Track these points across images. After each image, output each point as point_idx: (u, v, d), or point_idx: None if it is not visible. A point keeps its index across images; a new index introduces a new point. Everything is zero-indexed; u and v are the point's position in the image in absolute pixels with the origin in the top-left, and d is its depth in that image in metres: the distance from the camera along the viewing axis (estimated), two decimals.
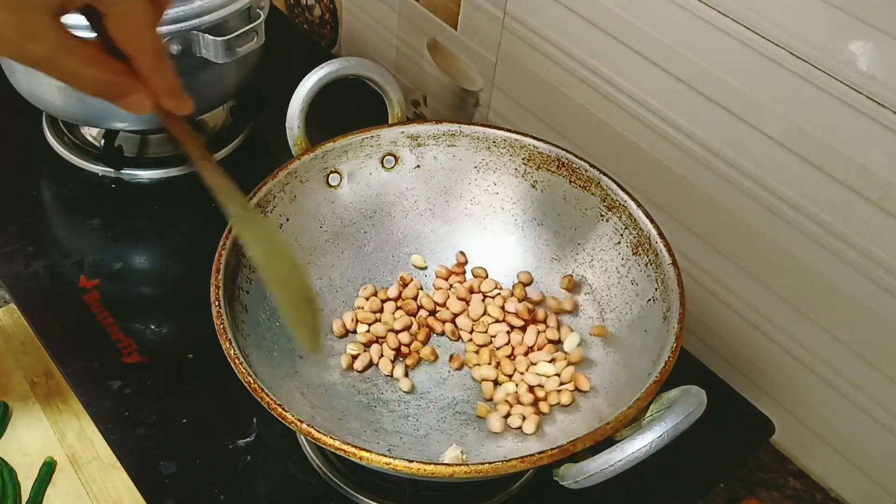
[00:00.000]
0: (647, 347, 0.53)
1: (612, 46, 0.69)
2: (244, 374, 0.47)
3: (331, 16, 1.03)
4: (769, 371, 0.71)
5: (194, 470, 0.58)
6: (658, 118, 0.69)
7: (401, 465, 0.44)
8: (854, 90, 0.55)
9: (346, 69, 0.63)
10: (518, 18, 0.77)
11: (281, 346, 0.57)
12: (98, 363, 0.64)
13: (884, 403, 0.63)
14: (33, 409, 0.68)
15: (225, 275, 0.53)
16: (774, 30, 0.58)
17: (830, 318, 0.64)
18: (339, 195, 0.64)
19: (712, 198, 0.68)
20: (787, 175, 0.62)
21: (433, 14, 0.87)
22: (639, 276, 0.57)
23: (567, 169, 0.62)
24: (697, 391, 0.46)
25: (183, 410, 0.61)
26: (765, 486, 0.70)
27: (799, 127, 0.59)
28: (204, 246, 0.57)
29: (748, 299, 0.69)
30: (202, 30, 0.67)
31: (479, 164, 0.65)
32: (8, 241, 0.72)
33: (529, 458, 0.45)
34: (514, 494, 0.58)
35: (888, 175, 0.56)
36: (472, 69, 0.86)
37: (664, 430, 0.44)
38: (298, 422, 0.45)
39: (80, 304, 0.67)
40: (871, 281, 0.60)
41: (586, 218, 0.62)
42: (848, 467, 0.68)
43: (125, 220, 0.75)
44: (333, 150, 0.62)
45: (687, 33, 0.63)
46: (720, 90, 0.63)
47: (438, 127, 0.64)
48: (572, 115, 0.76)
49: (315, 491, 0.58)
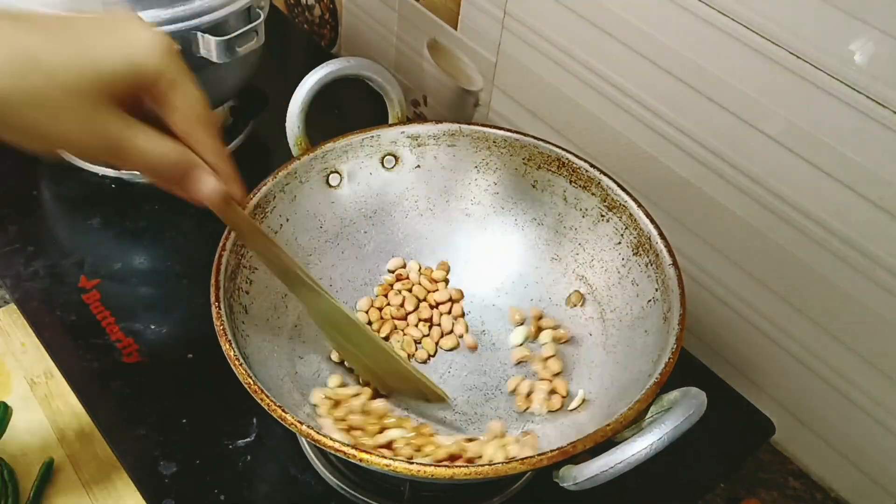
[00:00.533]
0: (647, 348, 0.53)
1: (613, 46, 0.69)
2: (244, 374, 0.47)
3: (331, 16, 1.03)
4: (769, 371, 0.71)
5: (194, 470, 0.58)
6: (658, 118, 0.69)
7: (400, 467, 0.44)
8: (854, 90, 0.55)
9: (347, 69, 0.63)
10: (518, 18, 0.77)
11: (281, 347, 0.57)
12: (98, 363, 0.64)
13: (884, 403, 0.63)
14: (33, 409, 0.68)
15: (225, 275, 0.53)
16: (774, 29, 0.58)
17: (830, 318, 0.64)
18: (340, 195, 0.64)
19: (712, 198, 0.68)
20: (787, 175, 0.62)
21: (433, 14, 0.86)
22: (639, 277, 0.57)
23: (567, 169, 0.62)
24: (697, 393, 0.46)
25: (183, 410, 0.61)
26: (765, 486, 0.70)
27: (799, 127, 0.59)
28: (204, 246, 0.57)
29: (748, 299, 0.69)
30: (202, 30, 0.67)
31: (480, 164, 0.65)
32: (8, 241, 0.72)
33: (529, 459, 0.45)
34: (514, 495, 0.58)
35: (888, 175, 0.56)
36: (472, 69, 0.86)
37: (664, 433, 0.44)
38: (298, 423, 0.45)
39: (80, 304, 0.67)
40: (871, 281, 0.60)
41: (587, 218, 0.62)
42: (848, 467, 0.68)
43: (125, 220, 0.75)
44: (334, 150, 0.62)
45: (687, 33, 0.63)
46: (720, 90, 0.63)
47: (439, 127, 0.64)
48: (572, 115, 0.76)
49: (315, 491, 0.58)
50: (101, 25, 0.40)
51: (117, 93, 0.39)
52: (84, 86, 0.38)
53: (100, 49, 0.39)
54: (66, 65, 0.37)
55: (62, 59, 0.37)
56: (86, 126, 0.39)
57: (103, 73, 0.38)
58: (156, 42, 0.40)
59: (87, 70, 0.38)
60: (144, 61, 0.39)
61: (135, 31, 0.40)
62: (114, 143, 0.40)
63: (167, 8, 0.66)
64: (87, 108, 0.38)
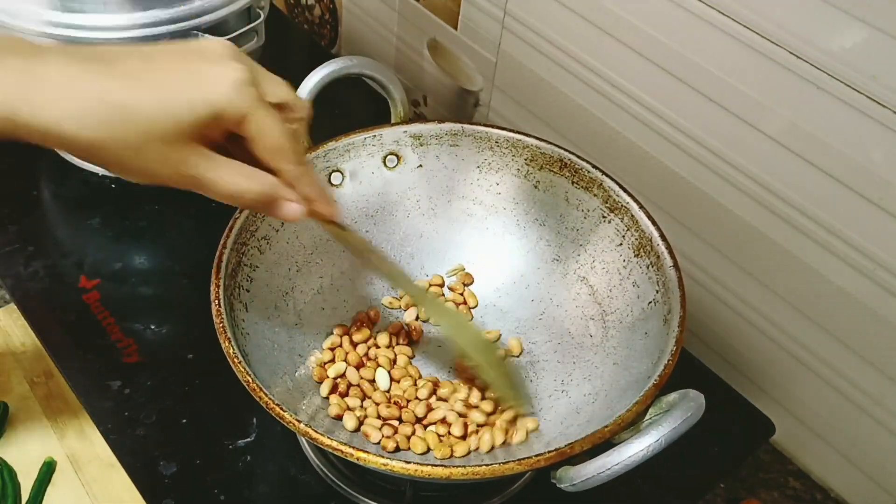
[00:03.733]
0: (647, 350, 0.53)
1: (613, 46, 0.69)
2: (243, 373, 0.47)
3: (331, 16, 1.03)
4: (769, 371, 0.71)
5: (194, 470, 0.58)
6: (658, 118, 0.69)
7: (398, 466, 0.44)
8: (854, 90, 0.55)
9: (350, 68, 0.63)
10: (518, 18, 0.77)
11: (281, 346, 0.57)
12: (98, 363, 0.64)
13: (884, 403, 0.63)
14: (33, 409, 0.68)
15: (225, 274, 0.53)
16: (774, 29, 0.58)
17: (830, 317, 0.64)
18: (342, 194, 0.64)
19: (712, 198, 0.68)
20: (787, 175, 0.62)
21: (433, 14, 0.86)
22: (640, 278, 0.57)
23: (570, 170, 0.62)
24: (696, 395, 0.46)
25: (183, 410, 0.61)
26: (765, 486, 0.70)
27: (799, 127, 0.59)
28: (204, 246, 0.57)
29: (748, 299, 0.69)
30: (202, 30, 0.67)
31: (482, 164, 0.65)
32: (8, 241, 0.72)
33: (527, 460, 0.45)
34: (514, 495, 0.58)
35: (888, 175, 0.56)
36: (472, 69, 0.86)
37: (662, 435, 0.44)
38: (297, 422, 0.45)
39: (80, 304, 0.67)
40: (871, 281, 0.60)
41: (588, 219, 0.62)
42: (848, 467, 0.68)
43: (125, 220, 0.75)
44: (336, 148, 0.62)
45: (687, 33, 0.63)
46: (720, 90, 0.63)
47: (441, 126, 0.64)
48: (572, 115, 0.76)
49: (315, 491, 0.58)
50: (180, 66, 0.41)
51: (197, 133, 0.41)
52: (165, 131, 0.40)
53: (179, 95, 0.40)
54: (148, 116, 0.39)
55: (146, 109, 0.39)
56: (167, 164, 0.41)
57: (182, 119, 0.40)
58: (235, 81, 0.41)
59: (169, 118, 0.40)
60: (222, 102, 0.40)
61: (214, 70, 0.41)
62: (194, 179, 0.42)
63: (167, 8, 0.66)
64: (166, 149, 0.40)
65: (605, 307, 0.60)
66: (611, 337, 0.58)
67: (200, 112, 0.40)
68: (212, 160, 0.42)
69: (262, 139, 0.43)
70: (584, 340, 0.60)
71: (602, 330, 0.59)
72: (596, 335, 0.60)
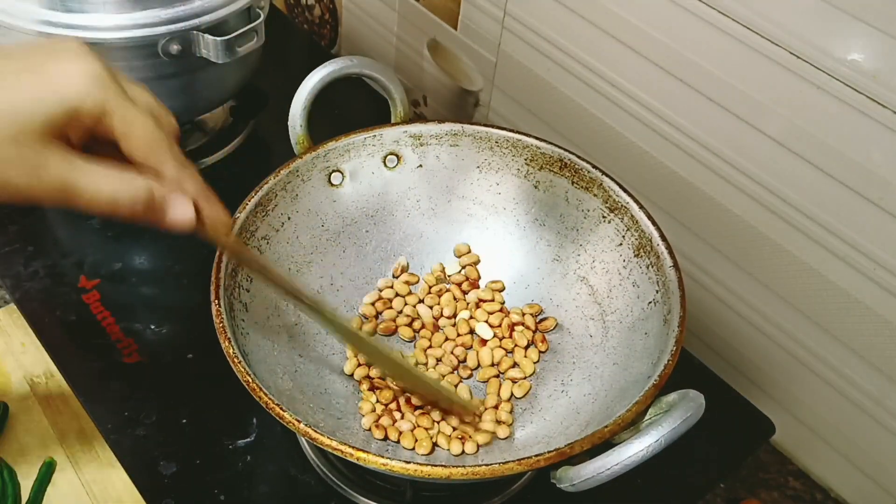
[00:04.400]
0: (647, 350, 0.53)
1: (613, 46, 0.69)
2: (243, 372, 0.47)
3: (331, 16, 1.03)
4: (769, 371, 0.71)
5: (194, 470, 0.58)
6: (658, 118, 0.69)
7: (397, 466, 0.44)
8: (854, 90, 0.55)
9: (350, 68, 0.63)
10: (518, 18, 0.77)
11: (281, 345, 0.57)
12: (98, 363, 0.64)
13: (884, 403, 0.63)
14: (33, 409, 0.68)
15: (225, 272, 0.53)
16: (774, 30, 0.58)
17: (830, 317, 0.64)
18: (341, 194, 0.64)
19: (712, 198, 0.68)
20: (787, 175, 0.62)
21: (433, 14, 0.87)
22: (640, 279, 0.57)
23: (570, 170, 0.62)
24: (696, 395, 0.46)
25: (183, 410, 0.61)
26: (765, 486, 0.70)
27: (799, 127, 0.59)
28: (204, 246, 0.56)
29: (748, 299, 0.69)
30: (202, 30, 0.67)
31: (482, 164, 0.65)
32: (8, 241, 0.72)
33: (526, 460, 0.45)
34: (514, 495, 0.58)
35: (888, 175, 0.56)
36: (472, 69, 0.86)
37: (661, 435, 0.44)
38: (296, 421, 0.45)
39: (80, 304, 0.67)
40: (871, 281, 0.60)
41: (588, 219, 0.62)
42: (848, 467, 0.68)
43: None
44: (336, 148, 0.62)
45: (687, 33, 0.63)
46: (720, 90, 0.63)
47: (441, 126, 0.64)
48: (572, 115, 0.76)
49: (315, 491, 0.58)
50: (26, 65, 0.37)
51: (57, 134, 0.37)
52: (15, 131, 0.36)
53: (27, 92, 0.36)
54: None
55: None
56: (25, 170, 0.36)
57: (34, 115, 0.36)
58: (88, 75, 0.37)
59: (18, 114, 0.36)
60: (79, 95, 0.37)
61: (65, 66, 0.37)
62: (62, 187, 0.37)
63: (167, 8, 0.66)
64: (21, 151, 0.36)
65: (604, 307, 0.60)
66: (611, 337, 0.58)
67: (52, 107, 0.36)
68: (79, 164, 0.38)
69: (132, 133, 0.39)
70: (584, 340, 0.60)
71: (602, 330, 0.59)
72: (596, 335, 0.60)
